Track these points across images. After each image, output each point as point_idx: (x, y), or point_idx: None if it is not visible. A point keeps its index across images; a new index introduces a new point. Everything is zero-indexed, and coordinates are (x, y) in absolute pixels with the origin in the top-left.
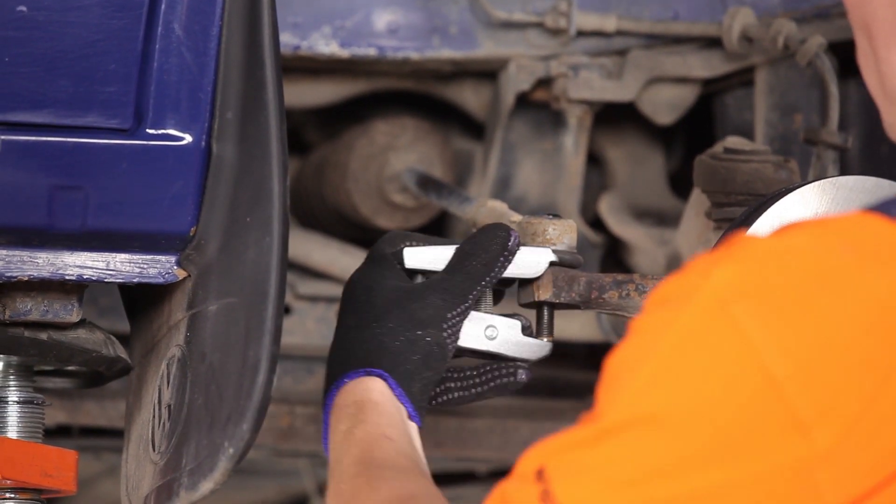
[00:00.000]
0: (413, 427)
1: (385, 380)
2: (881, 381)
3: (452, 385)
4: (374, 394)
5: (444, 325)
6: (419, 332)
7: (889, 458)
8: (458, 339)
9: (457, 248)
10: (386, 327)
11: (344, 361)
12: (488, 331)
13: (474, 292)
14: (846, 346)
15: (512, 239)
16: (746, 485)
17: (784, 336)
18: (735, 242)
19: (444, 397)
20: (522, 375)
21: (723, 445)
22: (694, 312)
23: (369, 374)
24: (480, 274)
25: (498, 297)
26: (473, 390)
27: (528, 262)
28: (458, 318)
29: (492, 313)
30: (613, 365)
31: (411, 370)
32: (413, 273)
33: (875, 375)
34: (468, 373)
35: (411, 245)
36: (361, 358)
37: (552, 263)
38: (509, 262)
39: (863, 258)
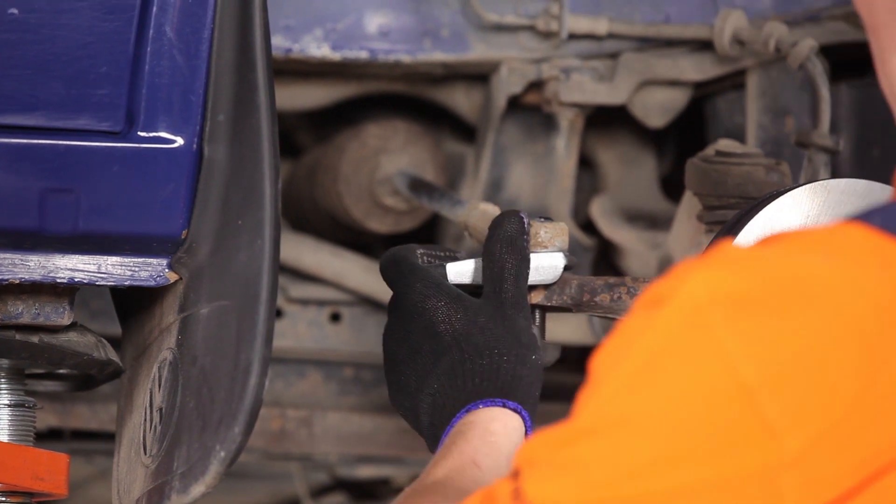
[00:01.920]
0: None
1: (518, 413)
2: (860, 391)
3: None
4: (495, 423)
5: (539, 343)
6: (533, 357)
7: (857, 469)
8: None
9: (484, 258)
10: (511, 355)
11: (479, 391)
12: None
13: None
14: (822, 355)
15: (524, 220)
16: (713, 487)
17: (757, 344)
18: (716, 249)
19: None
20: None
21: (692, 448)
22: (670, 317)
23: (505, 405)
24: (522, 269)
25: None
26: None
27: (546, 267)
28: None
29: None
30: (595, 365)
31: (535, 399)
32: None
33: (853, 385)
34: None
35: (429, 256)
36: (499, 389)
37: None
38: (529, 245)
39: (840, 267)
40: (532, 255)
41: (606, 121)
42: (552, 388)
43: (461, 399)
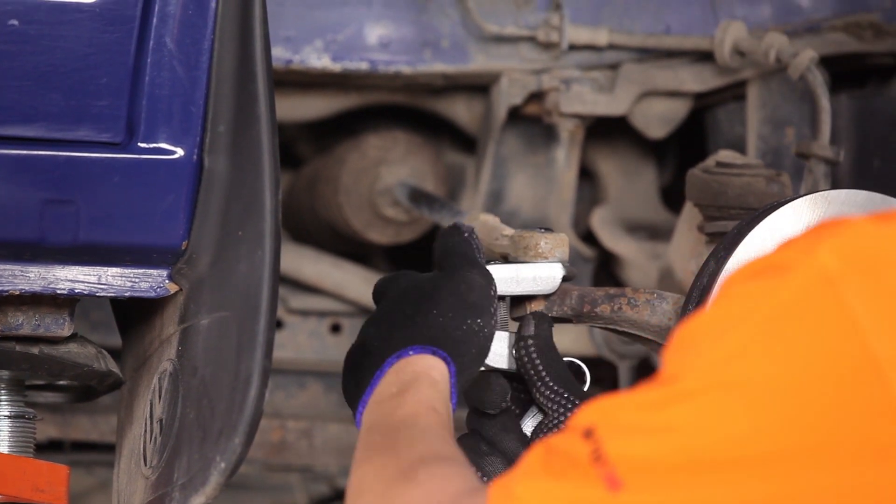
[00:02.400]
0: None
1: (447, 364)
2: None
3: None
4: (434, 371)
5: (492, 309)
6: (479, 321)
7: None
8: (494, 333)
9: (434, 256)
10: (448, 317)
11: (408, 338)
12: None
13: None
14: None
15: (460, 227)
16: (821, 451)
17: (893, 320)
18: (835, 224)
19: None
20: None
21: (807, 414)
22: (795, 286)
23: (435, 353)
24: (465, 243)
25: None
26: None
27: (545, 277)
28: (496, 303)
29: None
30: (690, 330)
31: (467, 362)
32: None
33: None
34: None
35: None
36: (429, 339)
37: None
38: (476, 241)
39: None
40: (530, 266)
41: (607, 131)
42: None
43: (392, 346)
